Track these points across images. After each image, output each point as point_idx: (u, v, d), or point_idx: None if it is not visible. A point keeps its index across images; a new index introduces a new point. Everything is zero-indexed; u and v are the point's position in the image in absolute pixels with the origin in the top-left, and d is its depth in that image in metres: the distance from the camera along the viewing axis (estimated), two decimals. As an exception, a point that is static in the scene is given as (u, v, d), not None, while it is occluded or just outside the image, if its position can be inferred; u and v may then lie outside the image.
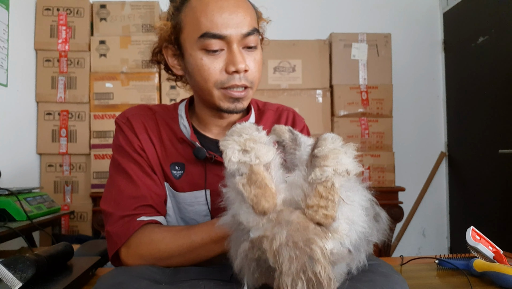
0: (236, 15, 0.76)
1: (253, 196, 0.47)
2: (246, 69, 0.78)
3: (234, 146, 0.51)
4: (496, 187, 2.33)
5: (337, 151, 0.49)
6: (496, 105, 2.33)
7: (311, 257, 0.44)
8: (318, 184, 0.47)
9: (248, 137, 0.52)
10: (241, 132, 0.53)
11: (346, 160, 0.49)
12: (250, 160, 0.49)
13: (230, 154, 0.50)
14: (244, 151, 0.50)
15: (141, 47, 2.27)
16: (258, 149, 0.50)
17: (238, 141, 0.51)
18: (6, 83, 1.97)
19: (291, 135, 0.73)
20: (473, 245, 0.81)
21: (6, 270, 0.60)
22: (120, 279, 0.60)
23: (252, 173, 0.49)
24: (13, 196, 1.52)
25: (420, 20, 2.86)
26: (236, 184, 0.49)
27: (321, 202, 0.46)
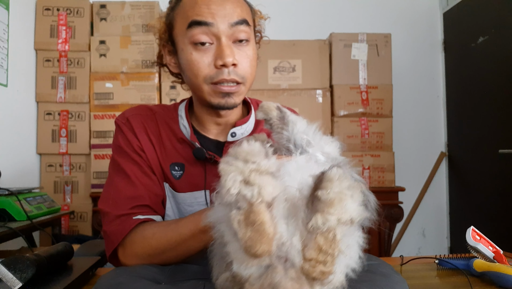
0: (223, 7, 0.76)
1: (248, 239, 0.42)
2: (235, 63, 0.76)
3: (235, 176, 0.43)
4: (496, 187, 2.33)
5: (344, 196, 0.42)
6: (496, 105, 2.33)
7: None
8: (318, 234, 0.42)
9: (254, 167, 0.44)
10: (248, 158, 0.44)
11: (352, 207, 0.42)
12: (251, 196, 0.42)
13: (230, 184, 0.43)
14: (246, 183, 0.43)
15: (141, 47, 2.27)
16: (263, 185, 0.43)
17: (242, 170, 0.43)
18: (6, 83, 1.97)
19: (279, 113, 0.69)
20: (473, 245, 0.81)
21: (6, 270, 0.60)
22: (120, 279, 0.61)
23: (251, 212, 0.42)
24: (13, 196, 1.52)
25: (420, 20, 2.86)
26: (231, 219, 0.43)
27: (319, 256, 0.42)
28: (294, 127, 0.65)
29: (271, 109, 0.69)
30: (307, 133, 0.65)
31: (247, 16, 0.80)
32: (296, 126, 0.66)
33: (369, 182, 2.30)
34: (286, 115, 0.68)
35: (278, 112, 0.69)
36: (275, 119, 0.68)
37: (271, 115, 0.69)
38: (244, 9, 0.80)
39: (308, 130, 0.66)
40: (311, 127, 0.67)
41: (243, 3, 0.81)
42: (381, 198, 2.22)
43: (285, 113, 0.69)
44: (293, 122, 0.66)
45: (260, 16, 0.88)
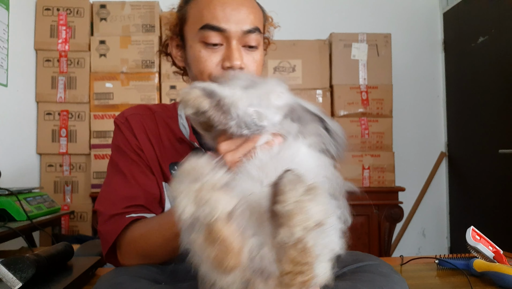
0: (238, 12, 0.76)
1: (214, 257, 0.40)
2: (242, 66, 0.77)
3: (186, 198, 0.41)
4: (496, 187, 2.33)
5: (303, 204, 0.38)
6: (496, 105, 2.33)
7: None
8: (288, 248, 0.39)
9: (201, 185, 0.41)
10: (195, 176, 0.42)
11: (315, 210, 0.39)
12: (205, 216, 0.40)
13: (182, 207, 0.40)
14: (198, 203, 0.40)
15: (141, 47, 2.26)
16: (215, 200, 0.40)
17: (191, 191, 0.41)
18: (6, 83, 1.97)
19: (212, 101, 0.55)
20: (473, 245, 0.81)
21: (6, 270, 0.60)
22: (120, 279, 0.61)
23: (210, 231, 0.40)
24: (13, 196, 1.52)
25: (420, 20, 2.86)
26: (192, 243, 0.41)
27: (296, 268, 0.39)
28: (237, 110, 0.55)
29: (199, 101, 0.55)
30: (253, 103, 0.56)
31: (259, 24, 0.81)
32: (238, 106, 0.55)
33: (369, 182, 2.30)
34: (223, 99, 0.55)
35: (209, 100, 0.55)
36: (211, 111, 0.55)
37: (203, 108, 0.55)
38: (257, 15, 0.80)
39: (253, 98, 0.56)
40: (253, 91, 0.58)
41: (257, 8, 0.82)
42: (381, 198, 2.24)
43: (221, 97, 0.55)
44: (233, 105, 0.55)
45: (270, 24, 0.89)
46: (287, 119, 0.59)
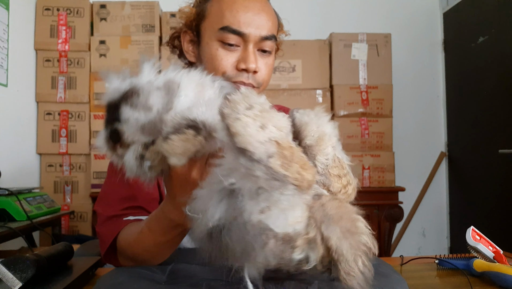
0: (259, 17, 0.79)
1: (296, 174, 0.40)
2: (256, 70, 0.80)
3: (253, 124, 0.40)
4: (496, 187, 2.33)
5: (323, 128, 0.46)
6: (496, 105, 2.33)
7: (361, 234, 0.46)
8: (330, 169, 0.46)
9: (260, 108, 0.42)
10: (250, 102, 0.42)
11: (330, 129, 0.48)
12: (275, 135, 0.41)
13: (254, 134, 0.40)
14: (262, 127, 0.41)
15: (141, 47, 2.27)
16: (275, 119, 0.42)
17: (254, 116, 0.41)
18: (6, 83, 1.97)
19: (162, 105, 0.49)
20: (473, 245, 0.81)
21: (6, 270, 0.60)
22: (120, 279, 0.61)
23: (282, 149, 0.41)
24: (13, 196, 1.52)
25: (420, 20, 2.86)
26: (270, 169, 0.40)
27: (343, 181, 0.47)
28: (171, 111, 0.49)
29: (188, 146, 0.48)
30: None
31: (275, 31, 0.84)
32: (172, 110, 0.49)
33: (369, 182, 2.30)
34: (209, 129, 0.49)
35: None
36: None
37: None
38: (274, 22, 0.83)
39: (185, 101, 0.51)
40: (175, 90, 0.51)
41: (274, 16, 0.85)
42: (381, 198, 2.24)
43: (171, 100, 0.49)
44: (178, 106, 0.49)
45: (282, 31, 0.91)
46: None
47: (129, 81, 0.51)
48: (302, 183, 0.41)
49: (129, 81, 0.51)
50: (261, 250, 0.43)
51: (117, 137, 0.50)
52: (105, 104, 0.52)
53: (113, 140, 0.51)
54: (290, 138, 0.45)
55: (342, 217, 0.46)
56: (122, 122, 0.49)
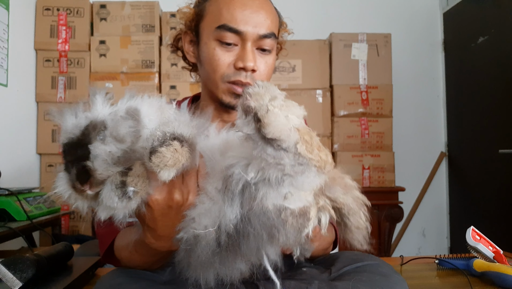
0: (257, 15, 0.77)
1: (318, 156, 0.43)
2: (254, 69, 0.78)
3: (281, 114, 0.42)
4: (496, 187, 2.33)
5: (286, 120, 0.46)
6: (496, 105, 2.33)
7: (353, 189, 0.52)
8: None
9: (282, 97, 0.44)
10: (272, 94, 0.44)
11: (279, 95, 0.46)
12: (296, 122, 0.43)
13: (285, 123, 0.42)
14: (286, 116, 0.43)
15: (141, 47, 2.26)
16: (293, 107, 0.45)
17: (280, 106, 0.43)
18: (6, 83, 1.97)
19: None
20: (473, 245, 0.81)
21: (6, 270, 0.60)
22: (119, 279, 0.61)
23: (303, 134, 0.43)
24: (13, 196, 1.52)
25: (420, 20, 2.86)
26: (297, 155, 0.42)
27: (321, 155, 0.46)
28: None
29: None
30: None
31: (275, 29, 0.82)
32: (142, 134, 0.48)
33: (369, 182, 2.30)
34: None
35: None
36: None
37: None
38: (274, 20, 0.81)
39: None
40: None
41: (275, 13, 0.83)
42: (381, 198, 2.23)
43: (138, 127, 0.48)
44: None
45: (285, 30, 0.90)
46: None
47: (85, 116, 0.49)
48: (322, 164, 0.43)
49: (85, 116, 0.49)
50: (283, 229, 0.45)
51: (85, 177, 0.46)
52: (64, 143, 0.49)
53: (81, 181, 0.47)
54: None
55: (335, 178, 0.50)
56: (92, 159, 0.46)
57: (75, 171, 0.47)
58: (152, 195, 0.50)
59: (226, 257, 0.48)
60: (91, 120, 0.48)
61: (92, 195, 0.48)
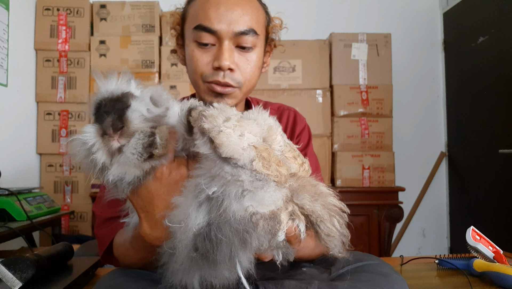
0: (232, 12, 0.75)
1: (276, 171, 0.46)
2: (231, 67, 0.76)
3: (233, 134, 0.45)
4: (496, 187, 2.33)
5: (268, 121, 0.53)
6: (496, 105, 2.33)
7: (327, 196, 0.52)
8: (286, 153, 0.52)
9: (236, 118, 0.47)
10: (226, 115, 0.48)
11: (273, 121, 0.53)
12: (252, 140, 0.46)
13: (237, 143, 0.45)
14: (241, 135, 0.46)
15: (141, 47, 2.27)
16: (249, 126, 0.47)
17: (233, 126, 0.46)
18: (6, 83, 1.97)
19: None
20: (473, 245, 0.81)
21: (6, 270, 0.60)
22: (119, 279, 0.61)
23: (261, 152, 0.46)
24: (13, 196, 1.52)
25: (420, 20, 2.86)
26: (254, 172, 0.45)
27: (298, 160, 0.53)
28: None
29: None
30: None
31: (256, 25, 0.79)
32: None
33: (369, 182, 2.30)
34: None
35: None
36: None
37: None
38: (254, 16, 0.78)
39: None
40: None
41: (255, 9, 0.80)
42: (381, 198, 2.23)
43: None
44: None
45: (276, 25, 0.87)
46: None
47: (127, 83, 0.56)
48: (281, 178, 0.47)
49: (126, 83, 0.56)
50: (254, 232, 0.47)
51: (119, 126, 0.50)
52: (104, 98, 0.52)
53: (114, 128, 0.50)
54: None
55: (305, 186, 0.51)
56: (131, 111, 0.51)
57: (111, 119, 0.50)
58: (164, 164, 0.54)
59: (203, 263, 0.48)
60: (129, 91, 0.54)
61: (115, 149, 0.51)
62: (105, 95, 0.52)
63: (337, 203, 0.53)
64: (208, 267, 0.49)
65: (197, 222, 0.48)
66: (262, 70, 0.87)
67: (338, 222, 0.52)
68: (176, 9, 0.86)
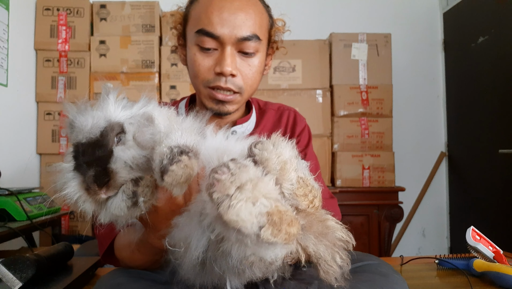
0: (235, 17, 0.75)
1: (287, 235, 0.41)
2: (233, 73, 0.76)
3: (245, 207, 0.39)
4: (496, 187, 2.33)
5: (283, 157, 0.48)
6: (496, 105, 2.33)
7: (334, 231, 0.52)
8: (296, 190, 0.49)
9: (251, 184, 0.40)
10: (240, 180, 0.40)
11: (289, 153, 0.49)
12: (266, 206, 0.40)
13: (248, 218, 0.39)
14: (254, 203, 0.40)
15: (141, 47, 2.26)
16: (265, 188, 0.41)
17: (246, 198, 0.39)
18: (6, 83, 1.97)
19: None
20: (473, 245, 0.81)
21: (6, 270, 0.60)
22: (119, 279, 0.61)
23: (272, 216, 0.40)
24: (13, 196, 1.52)
25: (420, 20, 2.86)
26: (261, 239, 0.40)
27: (309, 197, 0.51)
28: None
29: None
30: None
31: (259, 30, 0.78)
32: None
33: (369, 182, 2.30)
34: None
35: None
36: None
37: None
38: (257, 21, 0.78)
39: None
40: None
41: (259, 13, 0.79)
42: (381, 198, 2.24)
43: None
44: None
45: (278, 28, 0.86)
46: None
47: (104, 116, 0.48)
48: (290, 238, 0.41)
49: (103, 116, 0.48)
50: (249, 269, 0.46)
51: (104, 180, 0.45)
52: (82, 143, 0.47)
53: (99, 183, 0.45)
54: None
55: (312, 223, 0.50)
56: (115, 162, 0.46)
57: (93, 173, 0.45)
58: (157, 203, 0.50)
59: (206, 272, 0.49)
60: (109, 122, 0.47)
61: (103, 199, 0.47)
62: (81, 139, 0.47)
63: (344, 236, 0.53)
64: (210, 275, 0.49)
65: (197, 252, 0.46)
66: (264, 73, 0.87)
67: (340, 258, 0.51)
68: (178, 8, 0.85)
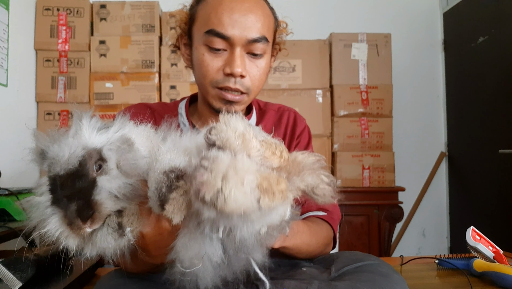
0: (245, 18, 0.75)
1: (281, 194, 0.41)
2: (243, 74, 0.77)
3: (240, 189, 0.39)
4: (496, 187, 2.33)
5: (239, 131, 0.46)
6: (496, 105, 2.33)
7: (309, 160, 0.56)
8: (264, 153, 0.50)
9: (235, 167, 0.40)
10: (223, 171, 0.39)
11: (242, 125, 0.48)
12: (253, 181, 0.40)
13: (244, 200, 0.38)
14: (242, 183, 0.39)
15: (141, 47, 2.26)
16: (250, 166, 0.41)
17: (235, 185, 0.39)
18: (6, 83, 1.97)
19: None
20: (473, 245, 0.81)
21: (6, 270, 0.60)
22: (119, 280, 0.61)
23: (262, 183, 0.40)
24: (13, 196, 1.52)
25: (420, 20, 2.86)
26: (263, 210, 0.40)
27: (277, 153, 0.51)
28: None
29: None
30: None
31: (267, 32, 0.79)
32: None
33: (369, 182, 2.30)
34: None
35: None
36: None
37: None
38: (266, 23, 0.78)
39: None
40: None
41: (267, 15, 0.80)
42: (381, 198, 2.25)
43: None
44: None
45: (282, 30, 0.87)
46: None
47: (80, 144, 0.45)
48: (285, 196, 0.42)
49: (80, 145, 0.45)
50: (267, 237, 0.47)
51: (88, 213, 0.42)
52: (60, 175, 0.43)
53: (83, 217, 0.42)
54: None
55: (290, 169, 0.52)
56: (98, 193, 0.43)
57: (76, 207, 0.42)
58: (144, 230, 0.49)
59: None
60: (87, 150, 0.44)
61: (88, 233, 0.44)
62: (59, 171, 0.44)
63: (315, 158, 0.55)
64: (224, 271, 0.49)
65: (217, 257, 0.45)
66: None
67: (325, 176, 0.54)
68: (183, 7, 0.85)
